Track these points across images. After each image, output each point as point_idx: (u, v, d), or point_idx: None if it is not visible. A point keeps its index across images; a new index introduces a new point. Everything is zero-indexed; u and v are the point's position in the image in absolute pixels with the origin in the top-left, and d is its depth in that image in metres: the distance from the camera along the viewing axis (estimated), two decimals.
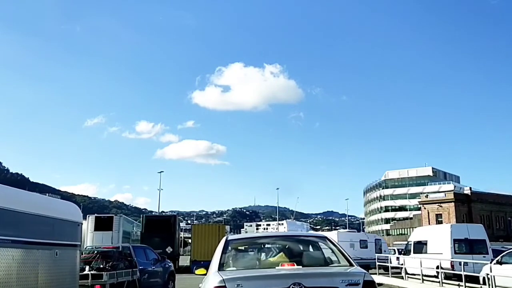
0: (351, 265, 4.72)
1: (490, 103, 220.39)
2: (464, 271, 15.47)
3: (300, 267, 4.49)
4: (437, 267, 18.25)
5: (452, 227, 19.41)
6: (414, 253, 21.01)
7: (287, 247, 5.21)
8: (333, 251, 5.08)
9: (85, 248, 11.51)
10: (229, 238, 5.37)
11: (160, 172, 65.95)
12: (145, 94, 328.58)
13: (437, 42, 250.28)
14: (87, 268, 10.78)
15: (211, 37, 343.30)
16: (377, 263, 21.80)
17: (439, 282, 17.54)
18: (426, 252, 19.99)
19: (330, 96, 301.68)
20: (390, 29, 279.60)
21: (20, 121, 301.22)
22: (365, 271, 4.43)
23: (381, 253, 24.91)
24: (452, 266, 17.83)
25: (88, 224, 26.66)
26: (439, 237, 19.68)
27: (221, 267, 4.67)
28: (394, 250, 28.40)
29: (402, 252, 22.81)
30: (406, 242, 24.58)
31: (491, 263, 15.23)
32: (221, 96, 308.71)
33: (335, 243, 5.31)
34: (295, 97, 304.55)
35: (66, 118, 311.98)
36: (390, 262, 21.17)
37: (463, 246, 18.98)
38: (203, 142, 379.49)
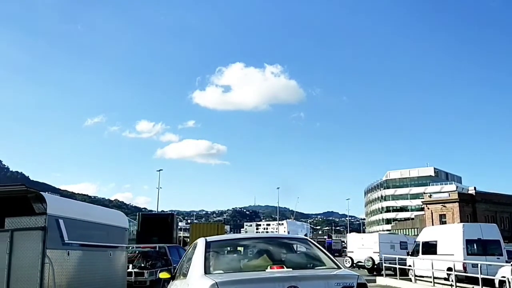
0: (338, 267, 4.61)
1: (492, 104, 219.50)
2: (479, 273, 14.50)
3: (291, 269, 4.30)
4: (448, 269, 17.28)
5: (464, 227, 18.36)
6: (422, 254, 20.02)
7: (268, 249, 5.00)
8: (316, 253, 4.96)
9: (128, 248, 12.38)
10: (208, 240, 5.05)
11: (159, 170, 64.71)
12: (146, 94, 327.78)
13: (439, 42, 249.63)
14: (130, 266, 11.92)
15: (212, 38, 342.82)
16: (384, 265, 20.80)
17: (451, 285, 16.56)
18: (435, 253, 18.96)
19: (331, 96, 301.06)
20: (391, 29, 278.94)
21: (21, 119, 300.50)
22: (357, 273, 4.31)
23: None
24: (465, 268, 16.82)
25: None
26: (450, 237, 18.65)
27: (206, 270, 4.34)
28: None
29: (410, 253, 21.79)
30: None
31: (511, 265, 14.21)
32: (222, 96, 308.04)
33: (317, 245, 5.20)
34: (296, 97, 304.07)
35: (67, 117, 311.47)
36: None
37: (476, 247, 17.95)
38: (203, 141, 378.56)
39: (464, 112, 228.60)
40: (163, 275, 5.68)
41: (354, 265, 29.60)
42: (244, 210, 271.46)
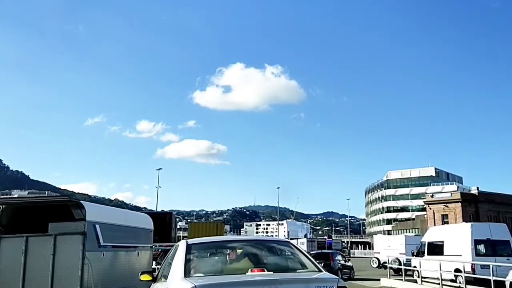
0: (319, 270, 4.55)
1: (492, 105, 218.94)
2: (490, 275, 13.89)
3: (271, 273, 4.25)
4: (456, 270, 16.66)
5: (472, 226, 17.66)
6: (428, 254, 19.38)
7: (250, 252, 4.98)
8: (297, 256, 4.93)
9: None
10: (189, 242, 5.02)
11: (159, 169, 63.86)
12: (147, 94, 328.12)
13: (439, 42, 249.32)
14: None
15: (212, 38, 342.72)
16: (389, 266, 20.15)
17: (459, 287, 15.94)
18: (442, 254, 18.32)
19: (331, 97, 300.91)
20: (392, 30, 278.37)
21: (21, 119, 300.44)
22: (337, 277, 4.34)
23: None
24: (473, 269, 16.16)
25: None
26: (457, 237, 17.99)
27: (186, 273, 4.25)
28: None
29: (414, 254, 21.15)
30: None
31: None
32: (222, 96, 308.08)
33: (299, 248, 5.18)
34: (296, 97, 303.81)
35: (67, 117, 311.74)
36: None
37: (485, 247, 17.27)
38: (203, 141, 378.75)
39: (464, 113, 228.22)
40: (144, 277, 5.48)
41: (381, 265, 29.40)
42: (244, 210, 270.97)
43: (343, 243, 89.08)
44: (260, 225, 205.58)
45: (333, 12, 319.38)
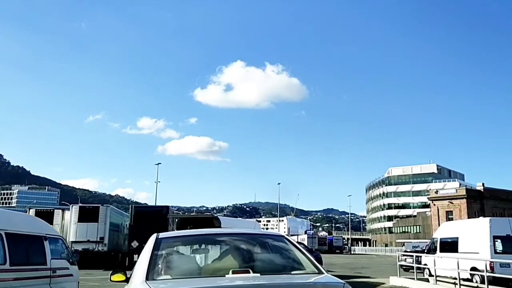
0: (319, 271, 3.65)
1: (493, 103, 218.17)
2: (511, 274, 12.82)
3: (258, 275, 3.40)
4: (472, 269, 15.57)
5: (491, 222, 16.49)
6: (441, 252, 18.26)
7: (236, 248, 4.14)
8: (293, 254, 4.08)
9: None
10: (160, 236, 4.13)
11: (158, 164, 62.78)
12: (148, 91, 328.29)
13: (440, 42, 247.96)
14: None
15: (214, 36, 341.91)
16: (399, 263, 19.04)
17: (477, 287, 14.86)
18: (456, 251, 17.19)
19: (332, 95, 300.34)
20: (393, 29, 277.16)
21: (23, 115, 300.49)
22: (343, 281, 3.34)
23: None
24: (492, 267, 15.04)
25: (71, 215, 24.22)
26: (474, 233, 16.83)
27: (150, 275, 3.42)
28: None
29: (425, 251, 20.01)
30: (429, 240, 21.72)
31: None
32: (224, 94, 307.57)
33: (295, 243, 4.34)
34: (297, 95, 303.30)
35: (69, 113, 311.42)
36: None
37: (504, 244, 16.10)
38: (205, 138, 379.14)
39: (466, 111, 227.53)
40: (116, 277, 4.28)
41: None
42: (244, 207, 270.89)
43: (344, 240, 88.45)
44: (260, 221, 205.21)
45: (334, 11, 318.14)
